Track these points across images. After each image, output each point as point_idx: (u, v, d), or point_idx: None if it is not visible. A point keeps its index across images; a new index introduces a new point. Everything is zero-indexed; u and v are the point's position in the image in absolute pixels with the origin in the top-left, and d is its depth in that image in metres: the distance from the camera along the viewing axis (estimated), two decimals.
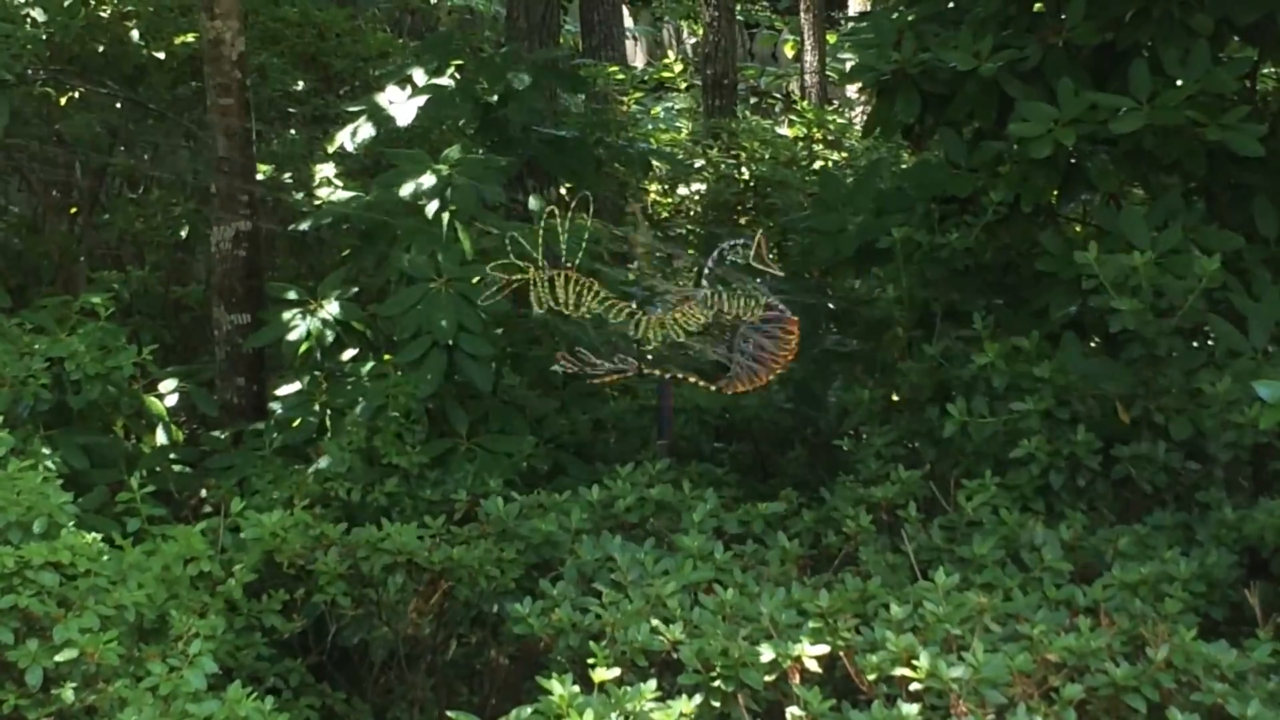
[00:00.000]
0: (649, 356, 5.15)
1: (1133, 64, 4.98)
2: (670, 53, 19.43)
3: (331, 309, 6.12)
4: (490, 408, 5.68)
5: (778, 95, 16.70)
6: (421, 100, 6.80)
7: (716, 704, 3.42)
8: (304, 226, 6.97)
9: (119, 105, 8.29)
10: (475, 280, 5.60)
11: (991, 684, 3.28)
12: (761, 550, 4.30)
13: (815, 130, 12.16)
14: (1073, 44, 5.23)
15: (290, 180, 8.59)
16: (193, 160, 8.85)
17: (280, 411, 6.25)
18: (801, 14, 15.07)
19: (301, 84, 8.92)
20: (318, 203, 7.56)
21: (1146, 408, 4.54)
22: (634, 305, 5.12)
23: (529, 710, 3.22)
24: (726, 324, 5.06)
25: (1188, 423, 4.44)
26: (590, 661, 3.45)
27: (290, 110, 9.02)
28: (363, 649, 4.54)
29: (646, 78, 16.56)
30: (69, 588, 3.83)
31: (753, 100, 15.97)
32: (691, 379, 5.12)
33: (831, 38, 14.58)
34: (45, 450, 5.15)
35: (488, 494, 4.73)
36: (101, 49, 8.06)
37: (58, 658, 3.64)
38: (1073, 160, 5.15)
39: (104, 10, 8.19)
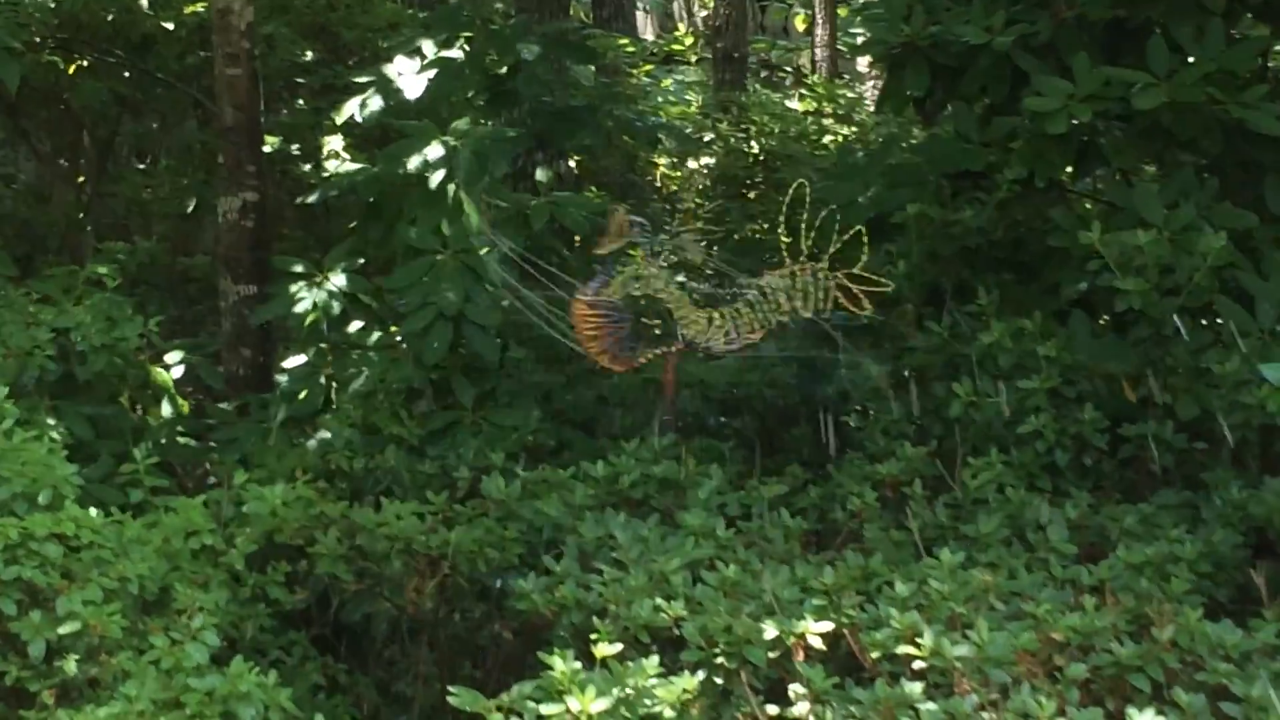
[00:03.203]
0: (657, 332, 5.15)
1: (1150, 40, 4.97)
2: (681, 25, 19.36)
3: (338, 281, 6.13)
4: (496, 381, 5.68)
5: (788, 69, 16.65)
6: (431, 72, 6.80)
7: (719, 680, 3.42)
8: (311, 198, 6.98)
9: (127, 74, 8.29)
10: (483, 253, 5.60)
11: (996, 663, 3.27)
12: (765, 527, 4.29)
13: (826, 104, 12.14)
14: (1085, 19, 5.21)
15: (298, 151, 8.61)
16: (200, 130, 8.87)
17: (286, 384, 6.27)
18: None
19: (310, 54, 8.92)
20: (325, 174, 7.57)
21: (1153, 387, 4.53)
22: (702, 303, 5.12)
23: (530, 685, 3.22)
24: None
25: (1194, 402, 4.44)
26: (593, 637, 3.44)
27: (298, 81, 9.02)
28: (365, 623, 4.54)
29: (656, 50, 16.52)
30: (72, 559, 3.84)
31: (763, 74, 15.92)
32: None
33: (843, 11, 14.54)
34: (51, 421, 5.17)
35: (489, 470, 4.74)
36: (110, 17, 8.06)
37: (61, 630, 3.64)
38: (1085, 137, 5.13)
39: None
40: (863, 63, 14.93)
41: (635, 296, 5.03)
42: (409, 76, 6.84)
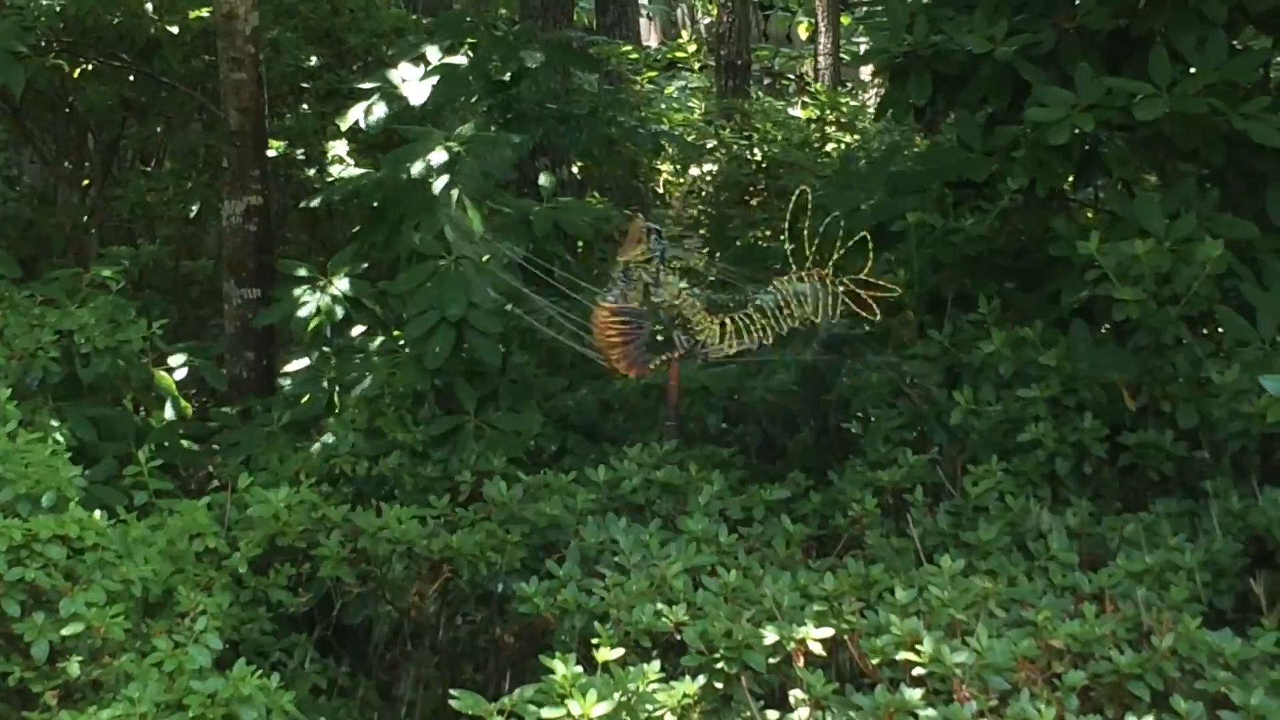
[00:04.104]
0: (659, 338, 5.14)
1: (1152, 50, 4.97)
2: (684, 32, 19.39)
3: (342, 285, 6.14)
4: (499, 385, 5.68)
5: (791, 77, 16.66)
6: (435, 78, 6.81)
7: (719, 685, 3.43)
8: (315, 202, 6.99)
9: (132, 78, 8.30)
10: (485, 259, 5.60)
11: (995, 669, 3.28)
12: (766, 533, 4.30)
13: (828, 112, 12.15)
14: (1087, 30, 5.21)
15: (302, 156, 8.61)
16: (205, 134, 8.87)
17: (289, 387, 6.28)
18: None
19: (315, 59, 8.93)
20: (329, 179, 7.57)
21: (1153, 396, 4.54)
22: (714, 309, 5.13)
23: (532, 689, 3.23)
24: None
25: (1194, 411, 4.44)
26: (594, 642, 3.45)
27: (303, 85, 9.03)
28: (367, 626, 4.55)
29: (660, 57, 16.54)
30: (76, 561, 3.84)
31: (766, 81, 15.94)
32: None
33: (845, 20, 14.56)
34: (54, 422, 5.16)
35: (491, 474, 4.74)
36: (115, 21, 8.06)
37: (64, 631, 3.64)
38: (1087, 146, 5.13)
39: None
40: (865, 71, 14.92)
41: (656, 303, 5.03)
42: (413, 82, 6.85)
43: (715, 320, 5.10)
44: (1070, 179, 5.40)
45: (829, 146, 11.06)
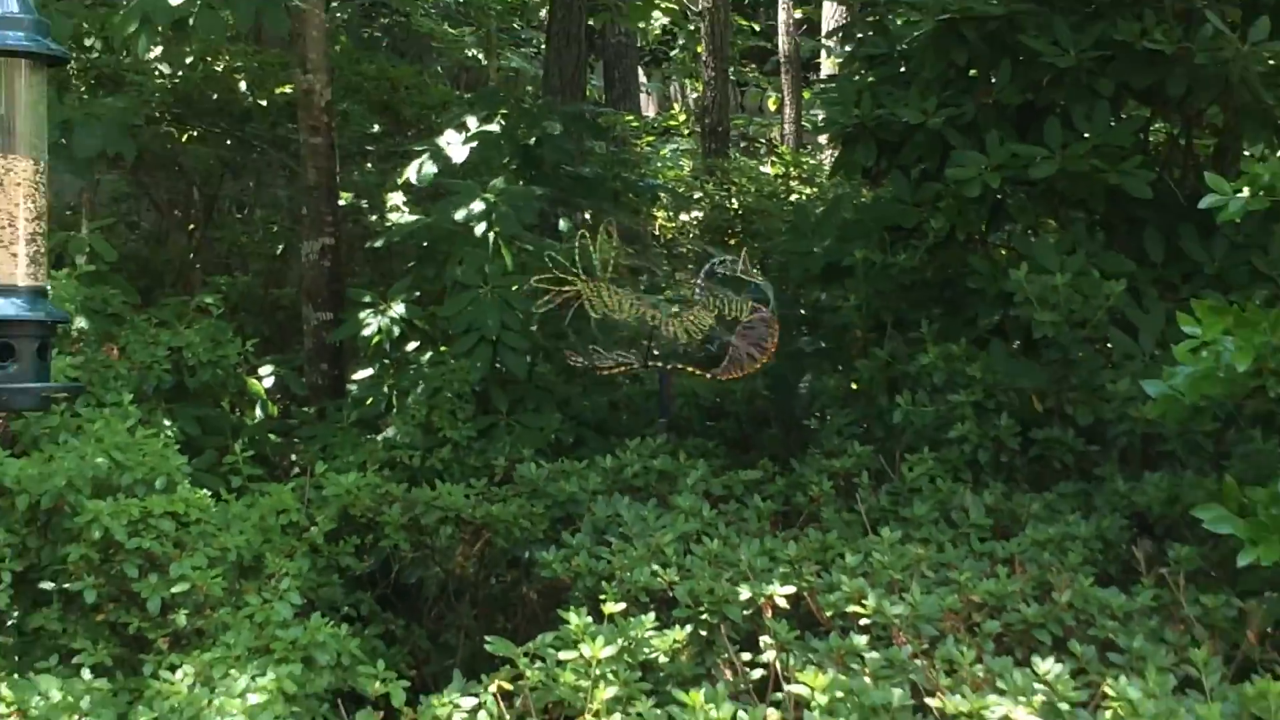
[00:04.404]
0: (655, 351, 5.14)
1: (1048, 120, 4.98)
2: (676, 105, 19.39)
3: (398, 309, 6.14)
4: (526, 391, 5.70)
5: (762, 141, 16.66)
6: (474, 143, 6.82)
7: (703, 633, 3.43)
8: (378, 243, 6.99)
9: (229, 142, 8.32)
10: (515, 288, 5.61)
11: (926, 619, 3.29)
12: (741, 509, 4.30)
13: (792, 169, 12.16)
14: (1001, 103, 5.22)
15: (366, 205, 8.62)
16: (288, 187, 8.88)
17: (356, 392, 6.28)
18: (782, 75, 15.05)
19: (377, 127, 8.95)
20: (389, 224, 7.57)
21: (1058, 400, 4.55)
22: (657, 310, 5.09)
23: (551, 636, 3.24)
24: (725, 323, 5.04)
25: (1090, 413, 4.45)
26: (602, 598, 3.47)
27: (368, 148, 9.05)
28: (419, 585, 4.55)
29: (656, 125, 16.54)
30: (183, 533, 3.85)
31: (742, 144, 15.92)
32: (690, 369, 5.11)
33: (806, 94, 14.56)
34: (166, 421, 5.18)
35: (522, 460, 4.75)
36: (215, 96, 8.10)
37: (173, 589, 3.66)
38: (999, 197, 5.14)
39: (218, 65, 8.22)
40: (822, 137, 14.96)
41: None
42: (456, 145, 6.85)
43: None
44: (984, 225, 5.41)
45: (792, 197, 11.04)
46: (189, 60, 7.96)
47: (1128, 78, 5.06)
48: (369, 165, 9.03)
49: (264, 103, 8.15)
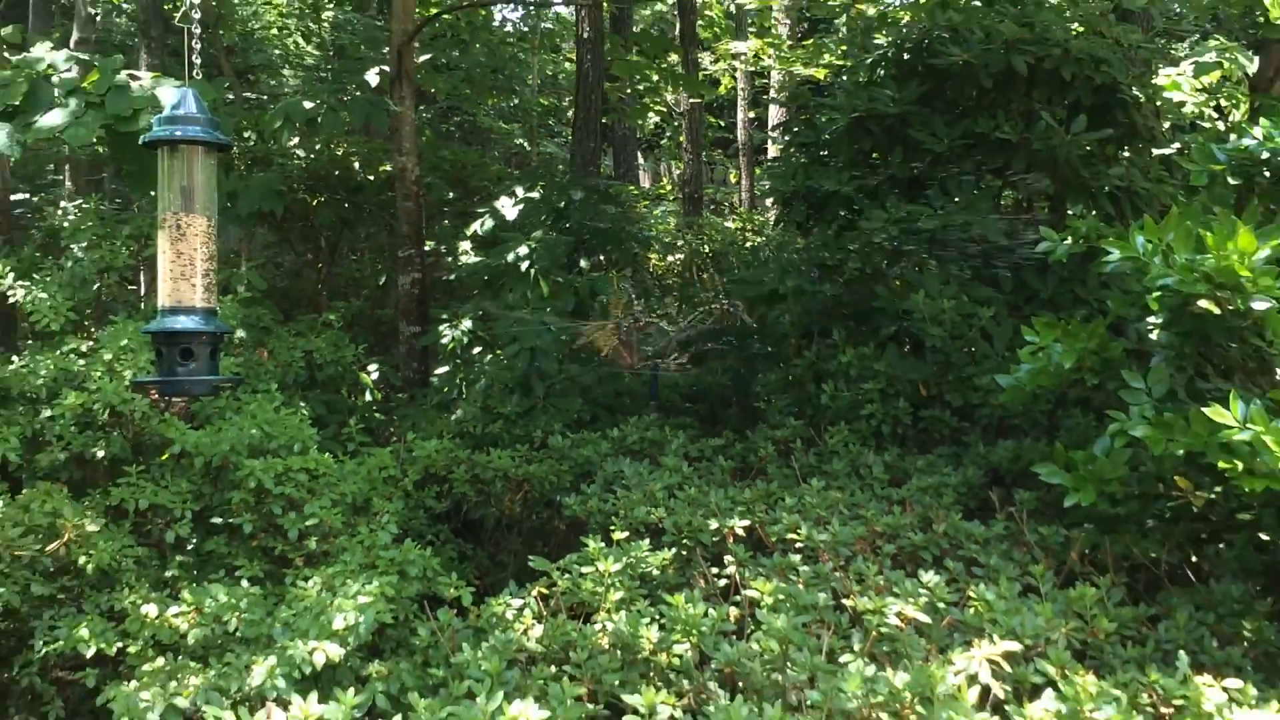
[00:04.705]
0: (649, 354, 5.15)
1: (930, 189, 4.98)
2: (664, 178, 19.37)
3: (466, 324, 6.16)
4: (556, 382, 5.71)
5: (726, 203, 16.65)
6: (520, 206, 6.84)
7: (684, 554, 3.44)
8: (451, 277, 7.01)
9: (346, 205, 8.34)
10: (548, 309, 5.63)
11: (843, 544, 3.30)
12: (710, 466, 4.31)
13: (747, 224, 12.15)
14: (895, 176, 5.23)
15: (444, 250, 8.62)
16: (388, 238, 8.89)
17: (437, 383, 6.29)
18: (740, 157, 15.05)
19: (451, 194, 8.95)
20: (460, 263, 7.58)
21: (938, 388, 4.55)
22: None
23: (575, 556, 3.24)
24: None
25: (961, 397, 4.44)
26: (611, 529, 3.48)
27: (444, 209, 9.05)
28: (481, 520, 4.57)
29: (650, 193, 16.51)
30: (314, 483, 3.88)
31: (711, 206, 15.91)
32: (668, 368, 5.13)
33: (758, 171, 14.56)
34: (301, 404, 5.20)
35: (553, 433, 4.76)
36: (336, 172, 8.10)
37: (306, 523, 3.68)
38: (895, 244, 5.15)
39: (338, 150, 8.23)
40: (769, 200, 14.94)
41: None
42: (508, 208, 6.89)
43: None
44: (884, 263, 5.41)
45: (748, 244, 11.04)
46: (317, 147, 7.97)
47: (985, 159, 5.07)
48: (445, 221, 9.04)
49: (371, 177, 8.15)
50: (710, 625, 2.76)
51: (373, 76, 7.93)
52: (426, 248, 7.51)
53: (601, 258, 7.31)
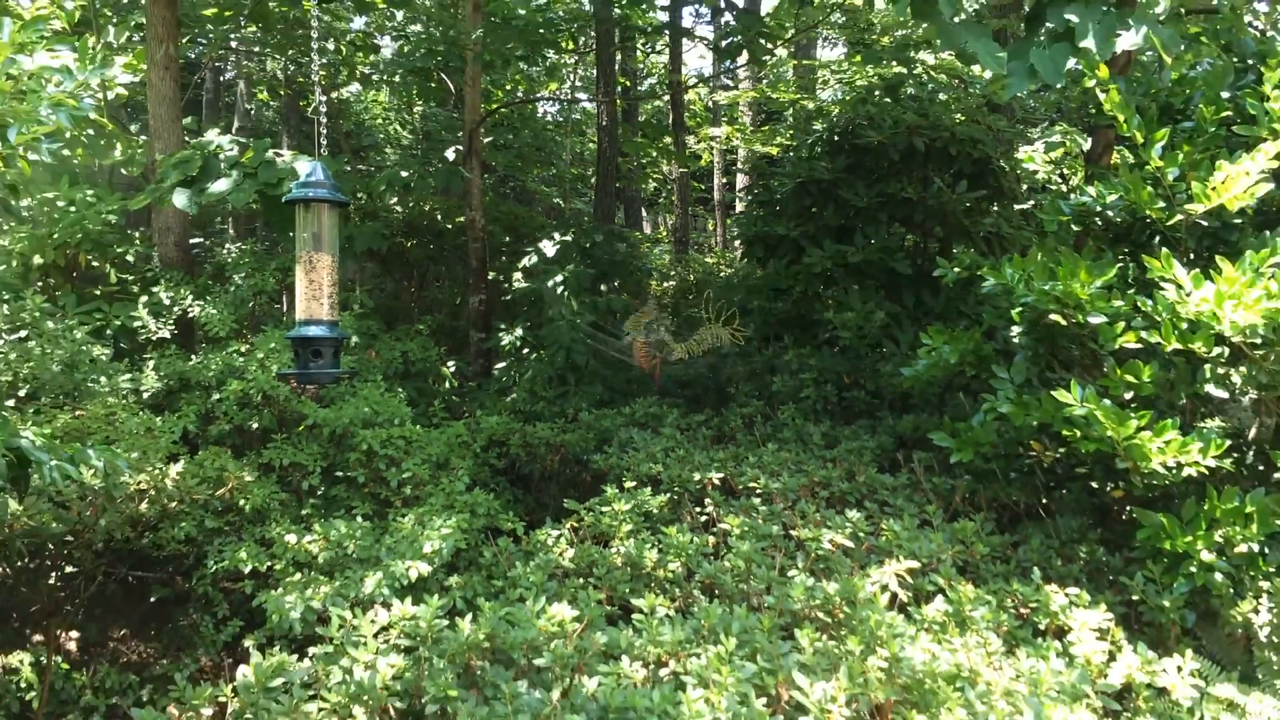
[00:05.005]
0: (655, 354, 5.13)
1: (855, 234, 4.95)
2: (661, 227, 19.33)
3: (518, 332, 6.14)
4: (584, 374, 5.69)
5: (706, 245, 16.60)
6: (558, 246, 6.82)
7: (675, 498, 3.44)
8: (508, 298, 6.97)
9: (431, 246, 8.32)
10: (579, 320, 5.60)
11: (790, 490, 3.29)
12: (696, 434, 4.30)
13: (722, 260, 12.09)
14: (828, 224, 5.19)
15: (502, 278, 8.60)
16: (463, 271, 8.88)
17: (497, 374, 6.27)
18: (716, 211, 15.00)
19: (507, 239, 8.92)
20: (514, 288, 7.56)
21: (859, 378, 4.53)
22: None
23: (597, 500, 3.24)
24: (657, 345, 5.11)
25: (875, 383, 4.43)
26: (623, 479, 3.47)
27: (502, 250, 9.02)
28: (530, 474, 4.56)
29: (650, 237, 16.46)
30: (409, 446, 3.86)
31: (695, 247, 15.86)
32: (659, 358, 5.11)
33: (729, 221, 14.51)
34: (399, 390, 5.19)
35: (581, 411, 4.74)
36: (425, 222, 8.06)
37: (403, 475, 3.67)
38: (829, 274, 5.13)
39: (425, 206, 8.17)
40: (737, 242, 14.88)
41: (655, 339, 5.05)
42: (549, 247, 6.86)
43: (679, 345, 5.11)
44: (821, 287, 5.39)
45: (723, 273, 10.99)
46: (411, 204, 7.95)
47: (895, 212, 5.03)
48: (503, 258, 9.00)
49: (449, 226, 8.12)
50: (695, 549, 2.76)
51: (450, 153, 7.90)
52: (489, 277, 7.50)
53: (616, 283, 7.28)
